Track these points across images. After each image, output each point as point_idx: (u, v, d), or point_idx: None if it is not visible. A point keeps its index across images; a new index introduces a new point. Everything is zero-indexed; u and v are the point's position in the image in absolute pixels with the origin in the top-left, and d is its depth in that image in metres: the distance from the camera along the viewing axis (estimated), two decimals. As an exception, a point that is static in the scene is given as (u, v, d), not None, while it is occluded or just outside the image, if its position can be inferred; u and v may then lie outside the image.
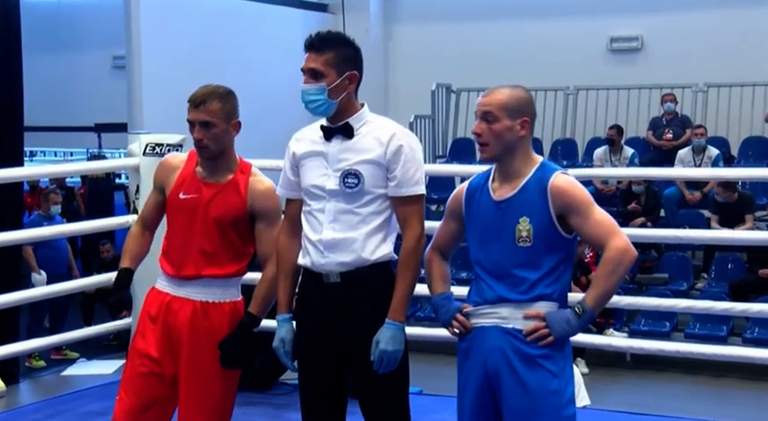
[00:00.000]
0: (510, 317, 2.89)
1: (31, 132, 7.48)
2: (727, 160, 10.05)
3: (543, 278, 2.88)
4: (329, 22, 11.40)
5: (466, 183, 3.06)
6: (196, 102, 3.26)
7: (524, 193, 2.89)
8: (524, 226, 2.86)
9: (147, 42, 9.19)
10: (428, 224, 3.13)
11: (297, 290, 3.20)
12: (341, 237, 3.01)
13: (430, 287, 3.12)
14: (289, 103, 9.94)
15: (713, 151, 9.76)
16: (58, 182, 10.86)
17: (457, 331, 3.00)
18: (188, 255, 3.28)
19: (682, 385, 7.68)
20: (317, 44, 3.02)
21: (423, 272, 3.16)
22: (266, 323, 5.17)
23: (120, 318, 3.40)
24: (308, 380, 3.12)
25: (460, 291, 3.31)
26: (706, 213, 9.34)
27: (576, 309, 2.87)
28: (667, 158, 10.03)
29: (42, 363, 7.59)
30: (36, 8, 12.42)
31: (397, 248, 3.11)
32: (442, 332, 6.07)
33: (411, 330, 3.21)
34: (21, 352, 5.92)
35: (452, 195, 3.09)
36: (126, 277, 3.40)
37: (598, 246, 2.90)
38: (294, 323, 3.17)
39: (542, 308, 2.89)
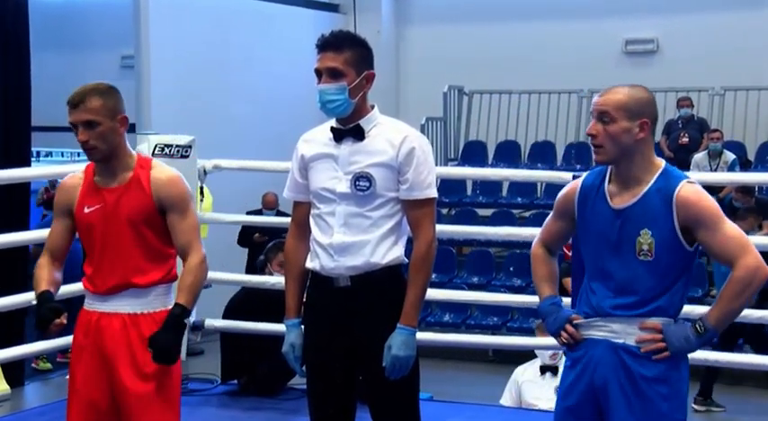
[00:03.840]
0: (621, 331, 2.75)
1: (38, 132, 7.42)
2: (744, 165, 9.96)
3: (662, 293, 2.72)
4: (340, 23, 11.35)
5: (578, 181, 2.89)
6: (74, 102, 3.08)
7: (646, 203, 2.72)
8: (645, 239, 2.70)
9: (156, 42, 9.16)
10: (439, 228, 3.10)
11: (305, 294, 3.14)
12: (352, 241, 2.98)
13: (537, 288, 2.99)
14: (297, 104, 9.96)
15: (729, 156, 9.67)
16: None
17: (565, 342, 2.87)
18: (107, 267, 3.12)
19: (695, 393, 7.58)
20: (335, 43, 2.96)
21: (434, 276, 3.09)
22: (274, 327, 5.17)
23: (53, 332, 3.13)
24: (317, 385, 3.08)
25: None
26: (721, 218, 9.21)
27: (698, 326, 2.71)
28: (682, 162, 9.92)
29: (48, 366, 7.56)
30: (44, 7, 12.35)
31: (407, 252, 3.06)
32: (451, 337, 6.06)
33: (421, 335, 3.17)
34: (26, 354, 5.85)
35: (563, 192, 2.93)
36: (49, 295, 3.14)
37: (726, 263, 2.75)
38: (303, 327, 3.12)
39: (659, 321, 2.74)
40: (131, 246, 3.11)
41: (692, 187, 2.71)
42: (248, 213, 8.67)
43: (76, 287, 5.58)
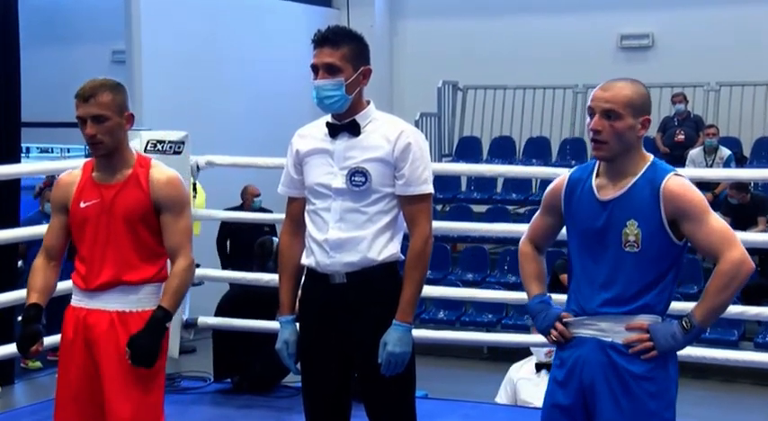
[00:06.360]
0: (609, 330, 2.73)
1: (27, 128, 7.36)
2: (740, 161, 9.95)
3: (649, 287, 2.70)
4: (333, 18, 11.31)
5: (565, 176, 2.88)
6: (85, 95, 3.09)
7: (633, 195, 2.70)
8: (632, 230, 2.69)
9: (147, 37, 9.10)
10: (433, 224, 3.06)
11: (300, 290, 3.12)
12: (347, 237, 2.96)
13: (526, 286, 2.98)
14: (290, 99, 9.91)
15: (725, 151, 9.65)
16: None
17: (555, 340, 2.85)
18: (98, 263, 3.12)
19: (691, 390, 7.55)
20: (332, 39, 2.95)
21: (429, 273, 3.05)
22: (267, 324, 5.12)
23: (31, 357, 3.17)
24: (312, 383, 3.07)
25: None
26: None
27: (684, 322, 2.69)
28: (678, 158, 9.90)
29: (38, 365, 7.52)
30: (34, 1, 12.30)
31: (403, 248, 3.04)
32: (446, 335, 6.02)
33: (415, 333, 3.16)
34: (16, 352, 5.75)
35: (550, 187, 2.91)
36: (34, 313, 3.19)
37: (711, 257, 2.73)
38: (297, 324, 3.11)
39: (645, 319, 2.72)
40: (125, 243, 3.12)
41: (679, 179, 2.71)
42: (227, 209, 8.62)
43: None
